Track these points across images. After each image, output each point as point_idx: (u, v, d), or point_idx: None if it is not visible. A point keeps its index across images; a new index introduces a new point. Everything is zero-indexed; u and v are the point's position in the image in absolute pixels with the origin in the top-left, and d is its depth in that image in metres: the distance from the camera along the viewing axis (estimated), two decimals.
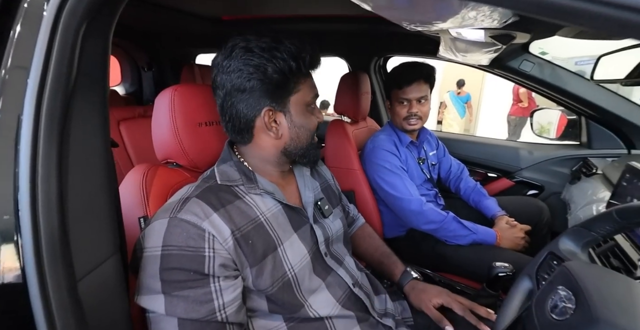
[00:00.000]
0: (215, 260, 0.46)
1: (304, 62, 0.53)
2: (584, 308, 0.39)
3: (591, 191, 0.98)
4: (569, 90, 1.19)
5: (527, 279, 0.58)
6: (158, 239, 0.46)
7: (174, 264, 0.45)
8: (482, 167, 1.52)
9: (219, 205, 0.51)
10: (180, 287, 0.45)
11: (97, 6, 0.38)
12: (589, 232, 0.52)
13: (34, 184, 0.33)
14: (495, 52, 0.98)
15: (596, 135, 1.26)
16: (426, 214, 1.03)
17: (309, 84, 0.57)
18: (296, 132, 0.57)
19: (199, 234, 0.46)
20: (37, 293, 0.32)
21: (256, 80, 0.51)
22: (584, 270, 0.44)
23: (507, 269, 0.81)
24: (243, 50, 0.51)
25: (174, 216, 0.47)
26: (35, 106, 0.33)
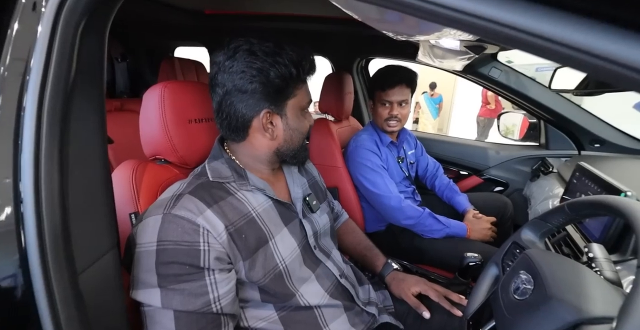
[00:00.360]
0: (210, 253, 0.48)
1: (303, 69, 0.56)
2: (540, 288, 0.46)
3: (548, 188, 1.10)
4: (530, 96, 1.32)
5: (494, 266, 0.65)
6: (153, 235, 0.47)
7: (170, 258, 0.46)
8: (455, 165, 1.62)
9: (212, 202, 0.52)
10: (177, 280, 0.46)
11: (95, 3, 0.38)
12: (546, 224, 0.60)
13: (37, 180, 0.33)
14: (468, 59, 1.06)
15: (552, 137, 1.40)
16: (405, 210, 1.10)
17: (305, 90, 0.60)
18: (290, 134, 0.60)
19: (193, 229, 0.48)
20: (41, 286, 0.32)
21: (258, 83, 0.53)
22: (541, 256, 0.51)
23: (477, 259, 0.89)
24: (247, 53, 0.52)
25: (168, 212, 0.48)
26: (37, 103, 0.33)
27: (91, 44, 0.40)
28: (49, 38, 0.35)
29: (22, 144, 0.33)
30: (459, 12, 0.23)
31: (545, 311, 0.43)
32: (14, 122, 0.34)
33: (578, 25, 0.21)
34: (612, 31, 0.20)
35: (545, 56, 0.24)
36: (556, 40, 0.21)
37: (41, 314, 0.32)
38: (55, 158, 0.35)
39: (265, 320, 0.57)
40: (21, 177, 0.33)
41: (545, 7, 0.21)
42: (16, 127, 0.34)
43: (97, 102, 0.41)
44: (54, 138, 0.35)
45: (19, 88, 0.34)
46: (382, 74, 1.17)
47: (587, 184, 0.80)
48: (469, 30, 0.25)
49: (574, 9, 0.21)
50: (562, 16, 0.21)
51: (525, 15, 0.22)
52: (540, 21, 0.22)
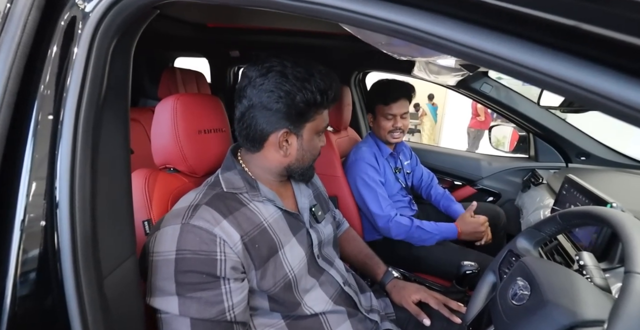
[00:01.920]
0: (227, 263, 0.50)
1: (327, 98, 0.59)
2: (537, 294, 0.49)
3: (539, 198, 1.15)
4: (519, 110, 1.39)
5: (492, 273, 0.68)
6: (172, 244, 0.48)
7: (188, 267, 0.47)
8: (449, 175, 1.67)
9: (228, 212, 0.54)
10: (194, 289, 0.47)
11: (126, 25, 0.41)
12: (539, 233, 0.64)
13: (72, 185, 0.35)
14: (462, 75, 1.12)
15: (541, 150, 1.47)
16: (392, 229, 1.13)
17: (324, 115, 0.63)
18: (302, 154, 0.62)
19: (211, 239, 0.50)
20: (72, 287, 0.33)
21: (283, 104, 0.56)
22: (536, 264, 0.55)
23: (473, 267, 0.91)
24: (279, 75, 0.55)
25: (186, 222, 0.50)
26: (74, 117, 0.35)
27: (119, 62, 0.43)
28: (85, 58, 0.37)
29: (60, 152, 0.35)
30: (471, 48, 0.26)
31: (542, 315, 0.46)
32: (50, 134, 0.36)
33: (547, 55, 0.25)
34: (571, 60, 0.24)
35: (523, 79, 0.28)
36: (531, 67, 0.25)
37: (70, 315, 0.33)
38: (88, 166, 0.37)
39: (273, 327, 0.59)
40: (57, 183, 0.35)
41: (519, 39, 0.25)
42: (52, 138, 0.36)
43: (123, 114, 0.44)
44: (87, 147, 0.37)
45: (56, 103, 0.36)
46: (383, 88, 1.22)
47: (575, 195, 0.85)
48: (477, 62, 0.29)
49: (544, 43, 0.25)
50: (533, 48, 0.25)
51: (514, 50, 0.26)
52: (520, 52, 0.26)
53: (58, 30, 0.37)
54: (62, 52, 0.37)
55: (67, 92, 0.36)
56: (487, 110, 5.47)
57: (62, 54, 0.37)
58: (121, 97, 0.44)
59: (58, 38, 0.37)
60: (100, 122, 0.39)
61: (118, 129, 0.43)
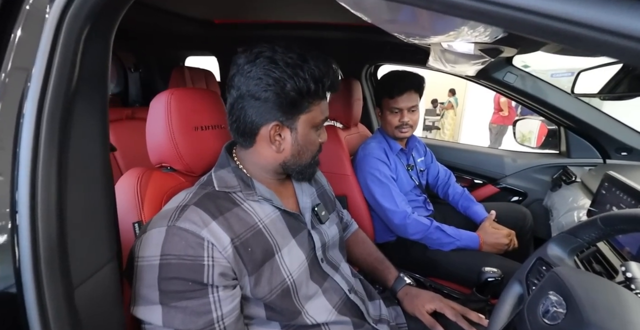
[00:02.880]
0: (215, 269, 0.46)
1: (323, 86, 0.53)
2: (574, 313, 0.41)
3: (572, 198, 1.03)
4: (549, 101, 1.26)
5: (518, 284, 0.60)
6: (156, 248, 0.45)
7: (172, 274, 0.44)
8: (469, 173, 1.57)
9: (218, 213, 0.50)
10: (179, 297, 0.44)
11: (100, 9, 0.37)
12: (575, 239, 0.55)
13: (34, 189, 0.31)
14: (482, 64, 1.02)
15: (574, 145, 1.33)
16: (409, 227, 1.06)
17: (322, 107, 0.57)
18: (298, 150, 0.57)
19: (197, 242, 0.46)
20: (33, 302, 0.30)
21: (272, 92, 0.51)
22: (573, 276, 0.46)
23: (496, 274, 0.83)
24: (268, 61, 0.50)
25: (172, 224, 0.46)
26: (36, 110, 0.32)
27: (95, 50, 0.39)
28: (51, 44, 0.34)
29: (20, 152, 0.31)
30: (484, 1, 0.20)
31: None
32: (13, 130, 0.33)
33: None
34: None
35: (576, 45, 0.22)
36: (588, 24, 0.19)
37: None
38: (53, 166, 0.33)
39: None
40: (17, 186, 0.31)
41: None
42: (15, 135, 0.32)
43: (99, 109, 0.40)
44: (53, 145, 0.33)
45: (19, 95, 0.33)
46: (388, 80, 1.14)
47: (618, 195, 0.75)
48: (490, 21, 0.22)
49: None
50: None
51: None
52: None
53: (22, 13, 0.34)
54: (27, 37, 0.34)
55: (30, 81, 0.32)
56: (510, 105, 5.20)
57: (26, 39, 0.34)
58: (98, 88, 0.40)
59: (22, 21, 0.34)
60: (70, 116, 0.35)
61: (93, 124, 0.39)
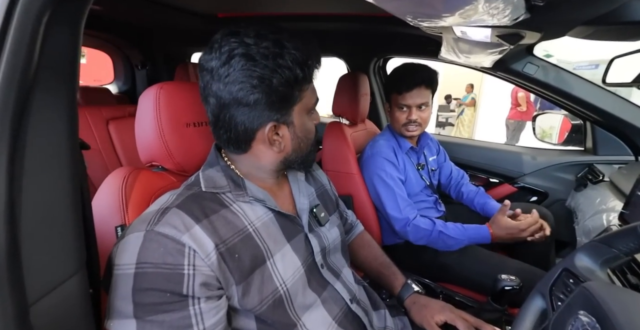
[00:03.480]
0: (196, 278, 0.41)
1: (310, 70, 0.48)
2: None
3: (599, 199, 0.94)
4: (574, 94, 1.16)
5: (540, 297, 0.53)
6: (132, 256, 0.41)
7: (148, 284, 0.40)
8: (484, 172, 1.48)
9: (202, 216, 0.46)
10: (155, 310, 0.40)
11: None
12: (609, 249, 0.48)
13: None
14: (500, 53, 0.94)
15: (602, 140, 1.23)
16: (410, 234, 1.00)
17: (311, 90, 0.53)
18: (298, 142, 0.54)
19: (177, 249, 0.41)
20: None
21: (261, 93, 0.46)
22: (608, 293, 0.40)
23: (514, 282, 0.76)
24: (244, 59, 0.44)
25: (150, 229, 0.42)
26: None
27: (61, 35, 0.35)
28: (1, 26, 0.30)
29: None
30: None
31: None
32: None
33: None
34: None
35: None
36: None
37: None
38: (3, 166, 0.29)
39: None
40: None
41: None
42: None
43: (66, 103, 0.36)
44: (2, 142, 0.29)
45: None
46: (398, 74, 1.06)
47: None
48: None
49: None
50: None
51: None
52: None
53: None
54: None
55: None
56: (529, 99, 4.98)
57: None
58: (63, 79, 0.36)
59: None
60: (26, 109, 0.32)
61: (58, 119, 0.35)
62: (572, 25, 0.63)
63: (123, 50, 1.91)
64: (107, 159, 1.16)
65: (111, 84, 2.11)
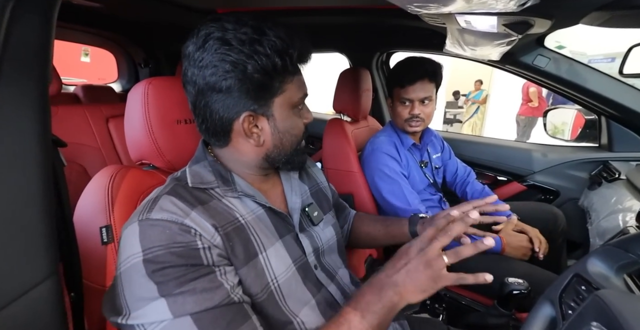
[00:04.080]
0: (212, 251, 0.41)
1: (291, 59, 0.45)
2: None
3: (615, 199, 0.89)
4: (588, 87, 1.10)
5: (549, 304, 0.50)
6: (133, 247, 0.39)
7: (163, 264, 0.38)
8: (491, 169, 1.43)
9: (196, 203, 0.45)
10: (181, 282, 0.38)
11: None
12: (626, 253, 0.44)
13: None
14: (508, 45, 0.89)
15: (618, 136, 1.16)
16: None
17: (297, 83, 0.49)
18: (280, 138, 0.50)
19: (184, 229, 0.40)
20: None
21: (234, 79, 0.43)
22: (625, 303, 0.36)
23: (522, 286, 0.73)
24: (219, 43, 0.42)
25: (145, 218, 0.41)
26: None
27: (28, 26, 0.33)
28: None
29: None
30: None
31: None
32: None
33: None
34: None
35: None
36: None
37: None
38: None
39: None
40: None
41: None
42: None
43: (35, 97, 0.34)
44: None
45: None
46: (400, 68, 1.03)
47: None
48: None
49: None
50: None
51: None
52: None
53: None
54: None
55: None
56: (541, 95, 4.83)
57: None
58: (33, 72, 0.34)
59: None
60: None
61: (25, 115, 0.33)
62: (585, 11, 0.58)
63: (126, 48, 1.92)
64: (106, 157, 1.15)
65: (115, 82, 2.12)
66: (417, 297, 0.42)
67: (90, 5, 1.31)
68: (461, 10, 0.52)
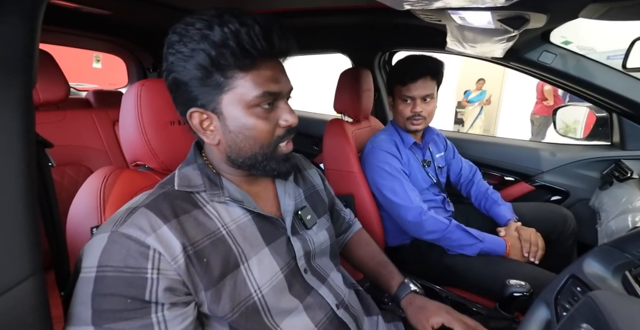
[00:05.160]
0: (160, 283, 0.40)
1: (233, 52, 0.42)
2: None
3: (626, 198, 0.85)
4: (598, 83, 1.05)
5: (545, 306, 0.48)
6: (94, 258, 0.40)
7: (108, 289, 0.38)
8: (498, 169, 1.39)
9: (172, 216, 0.44)
10: (114, 318, 0.38)
11: None
12: (622, 253, 0.42)
13: None
14: (509, 41, 0.86)
15: (630, 134, 1.11)
16: (425, 224, 0.94)
17: (254, 79, 0.45)
18: (232, 138, 0.48)
19: (140, 251, 0.40)
20: None
21: (177, 73, 0.45)
22: (616, 304, 0.34)
23: (524, 289, 0.70)
24: (175, 38, 0.43)
25: (115, 230, 0.41)
26: None
27: (11, 28, 0.35)
28: None
29: None
30: None
31: None
32: None
33: None
34: None
35: None
36: None
37: None
38: None
39: None
40: None
41: None
42: None
43: (18, 97, 0.36)
44: None
45: None
46: (401, 65, 1.02)
47: None
48: None
49: None
50: None
51: None
52: None
53: None
54: None
55: None
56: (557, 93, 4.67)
57: None
58: (16, 73, 0.35)
59: None
60: None
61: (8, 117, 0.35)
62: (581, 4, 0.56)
63: (135, 54, 1.97)
64: (112, 159, 1.19)
65: (125, 87, 2.18)
66: None
67: (101, 13, 1.36)
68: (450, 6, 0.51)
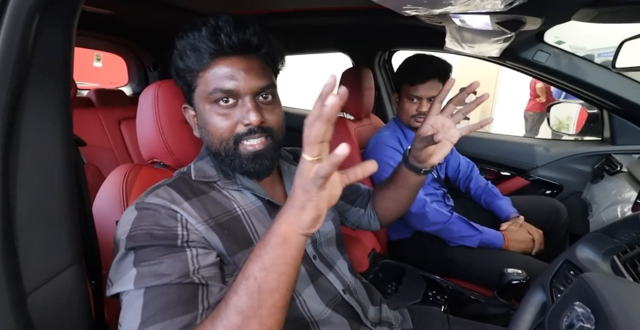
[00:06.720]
0: (190, 236, 0.44)
1: (191, 56, 0.49)
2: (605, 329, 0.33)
3: (615, 191, 0.90)
4: (589, 81, 1.10)
5: (541, 290, 0.52)
6: (126, 226, 0.43)
7: (143, 242, 0.41)
8: (494, 165, 1.43)
9: (191, 195, 0.48)
10: (152, 257, 0.40)
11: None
12: (611, 239, 0.46)
13: None
14: (505, 41, 0.90)
15: (620, 129, 1.16)
16: (428, 216, 0.97)
17: (207, 77, 0.49)
18: (201, 133, 0.54)
19: (170, 214, 0.44)
20: None
21: (175, 75, 0.53)
22: (606, 283, 0.38)
23: (520, 277, 0.75)
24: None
25: (140, 202, 0.45)
26: None
27: (52, 37, 0.37)
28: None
29: None
30: None
31: None
32: None
33: None
34: None
35: None
36: None
37: None
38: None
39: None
40: None
41: None
42: None
43: (59, 101, 0.38)
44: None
45: None
46: (411, 65, 1.05)
47: None
48: None
49: None
50: None
51: None
52: None
53: None
54: None
55: None
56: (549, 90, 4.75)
57: None
58: (56, 78, 0.38)
59: None
60: (19, 109, 0.34)
61: (51, 118, 0.37)
62: (574, 9, 0.60)
63: (135, 53, 1.98)
64: (118, 156, 1.21)
65: (126, 85, 2.19)
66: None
67: (102, 13, 1.37)
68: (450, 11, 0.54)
